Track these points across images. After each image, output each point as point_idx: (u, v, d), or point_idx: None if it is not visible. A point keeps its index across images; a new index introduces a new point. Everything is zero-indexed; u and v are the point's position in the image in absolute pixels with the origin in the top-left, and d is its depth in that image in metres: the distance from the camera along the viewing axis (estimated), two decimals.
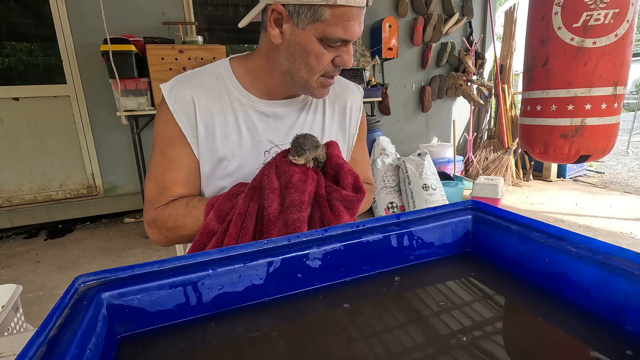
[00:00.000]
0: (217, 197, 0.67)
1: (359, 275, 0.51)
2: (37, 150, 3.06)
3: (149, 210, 0.72)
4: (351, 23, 0.62)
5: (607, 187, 3.75)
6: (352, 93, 0.86)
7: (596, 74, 1.64)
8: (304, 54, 0.65)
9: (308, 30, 0.63)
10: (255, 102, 0.74)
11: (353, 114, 0.85)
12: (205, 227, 0.64)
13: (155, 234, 0.72)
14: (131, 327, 0.41)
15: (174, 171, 0.72)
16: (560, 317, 0.40)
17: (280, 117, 0.76)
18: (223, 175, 0.73)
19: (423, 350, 0.37)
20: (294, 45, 0.65)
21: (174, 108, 0.70)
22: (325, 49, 0.65)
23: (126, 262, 2.41)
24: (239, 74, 0.75)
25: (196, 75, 0.74)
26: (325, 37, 0.63)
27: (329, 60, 0.66)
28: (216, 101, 0.72)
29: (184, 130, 0.71)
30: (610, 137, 1.76)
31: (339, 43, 0.64)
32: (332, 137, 0.82)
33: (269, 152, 0.75)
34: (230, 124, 0.73)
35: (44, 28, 2.95)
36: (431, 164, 2.88)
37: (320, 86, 0.70)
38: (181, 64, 2.63)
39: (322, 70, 0.67)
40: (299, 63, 0.67)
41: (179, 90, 0.71)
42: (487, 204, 0.56)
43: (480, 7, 4.44)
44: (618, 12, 1.56)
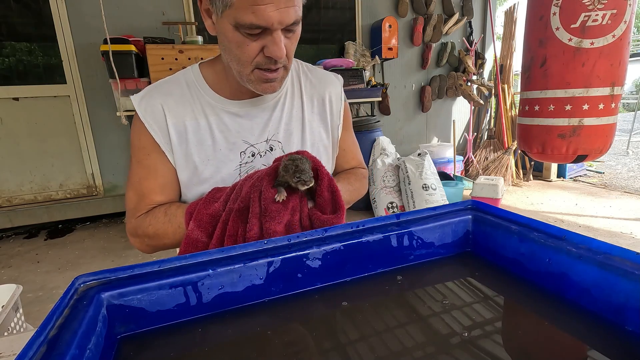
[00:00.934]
0: (194, 204, 0.67)
1: (359, 275, 0.51)
2: (37, 150, 3.06)
3: (130, 219, 0.73)
4: (262, 7, 0.55)
5: (607, 187, 3.75)
6: (330, 83, 0.83)
7: (594, 75, 1.65)
8: (228, 44, 0.62)
9: (224, 18, 0.59)
10: (226, 103, 0.74)
11: (334, 105, 0.82)
12: (189, 237, 0.64)
13: (138, 242, 0.73)
14: (131, 327, 0.41)
15: (151, 179, 0.72)
16: (560, 317, 0.40)
17: (253, 116, 0.75)
18: (201, 181, 0.73)
19: (423, 349, 0.37)
20: (222, 37, 0.63)
21: (145, 118, 0.70)
22: (246, 38, 0.60)
23: (126, 262, 2.40)
24: (208, 77, 0.74)
25: (165, 83, 0.74)
26: (238, 23, 0.58)
27: (255, 51, 0.61)
28: (187, 107, 0.72)
29: (157, 139, 0.71)
30: (607, 137, 1.77)
31: (258, 30, 0.58)
32: (314, 130, 0.80)
33: (245, 153, 0.75)
34: (202, 128, 0.72)
35: (44, 28, 2.95)
36: (431, 164, 2.88)
37: (258, 80, 0.65)
38: (181, 64, 2.63)
39: (252, 62, 0.63)
40: (229, 54, 0.65)
41: (149, 100, 0.71)
42: (487, 204, 0.56)
43: (480, 7, 4.44)
44: (616, 13, 1.57)
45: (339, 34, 3.94)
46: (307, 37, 3.91)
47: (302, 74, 0.82)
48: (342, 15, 3.88)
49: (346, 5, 3.84)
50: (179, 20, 3.17)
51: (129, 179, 0.74)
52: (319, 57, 3.77)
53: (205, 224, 0.64)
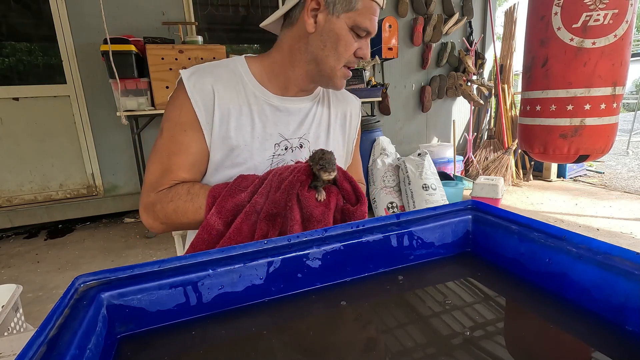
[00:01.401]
0: (218, 189, 0.67)
1: (359, 275, 0.51)
2: (37, 151, 3.06)
3: (149, 193, 0.72)
4: (374, 17, 0.71)
5: (607, 187, 3.75)
6: (351, 102, 0.93)
7: (595, 74, 1.65)
8: (335, 41, 0.71)
9: (342, 19, 0.70)
10: (269, 96, 0.78)
11: (353, 121, 0.92)
12: (207, 223, 0.65)
13: (152, 219, 0.72)
14: (131, 327, 0.41)
15: (182, 156, 0.72)
16: (560, 317, 0.40)
17: (291, 112, 0.80)
18: (233, 164, 0.75)
19: (423, 350, 0.37)
20: (327, 33, 0.71)
21: (192, 94, 0.71)
22: (354, 38, 0.72)
23: (126, 262, 2.41)
24: (254, 70, 0.78)
25: (215, 66, 0.77)
26: (356, 25, 0.70)
27: (353, 50, 0.73)
28: (233, 93, 0.75)
29: (200, 117, 0.72)
30: (609, 137, 1.77)
31: (364, 34, 0.72)
32: (335, 139, 0.87)
33: (279, 145, 0.78)
34: (244, 114, 0.75)
35: (44, 28, 2.95)
36: (431, 164, 2.88)
37: (342, 76, 0.76)
38: (181, 64, 2.63)
39: (347, 59, 0.73)
40: (329, 50, 0.72)
41: (199, 78, 0.73)
42: (487, 204, 0.56)
43: (480, 7, 4.44)
44: (617, 13, 1.56)
45: None
46: None
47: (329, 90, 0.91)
48: None
49: None
50: (179, 20, 3.17)
51: (155, 152, 0.73)
52: None
53: (227, 213, 0.65)
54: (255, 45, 3.94)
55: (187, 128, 0.72)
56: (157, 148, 0.73)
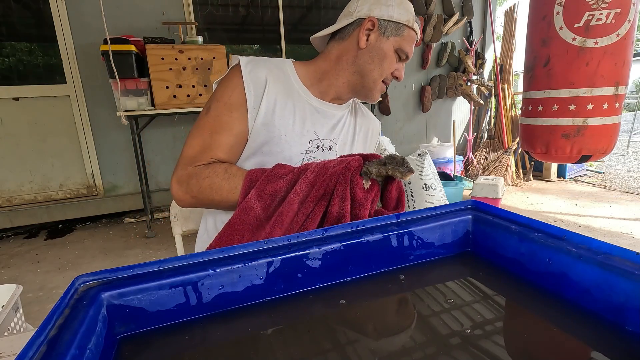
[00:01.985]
0: (256, 173, 0.70)
1: (359, 275, 0.51)
2: (37, 150, 3.06)
3: (186, 166, 0.74)
4: (412, 45, 0.84)
5: (607, 187, 3.75)
6: (373, 121, 1.03)
7: (598, 74, 1.64)
8: (382, 58, 0.82)
9: (391, 41, 0.81)
10: (310, 97, 0.86)
11: (373, 138, 1.03)
12: (247, 204, 0.67)
13: (183, 191, 0.74)
14: (131, 327, 0.41)
15: (224, 135, 0.76)
16: (560, 317, 0.40)
17: (327, 115, 0.88)
18: (269, 152, 0.79)
19: (423, 349, 0.37)
20: (377, 50, 0.82)
21: (247, 79, 0.77)
22: (395, 59, 0.84)
23: (126, 262, 2.41)
24: (300, 73, 0.87)
25: (268, 61, 0.83)
26: (400, 48, 0.82)
27: (392, 69, 0.84)
28: (281, 86, 0.81)
29: (249, 101, 0.77)
30: (611, 137, 1.76)
31: (404, 57, 0.84)
32: (358, 146, 0.95)
33: (312, 142, 0.85)
34: (288, 108, 0.81)
35: (44, 28, 2.95)
36: (431, 164, 2.88)
37: (380, 90, 0.87)
38: (181, 64, 2.63)
39: (387, 75, 0.84)
40: (376, 64, 0.83)
41: (255, 66, 0.79)
42: (487, 204, 0.56)
43: (480, 7, 4.44)
44: (620, 12, 1.56)
45: None
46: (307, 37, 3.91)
47: (357, 103, 1.00)
48: None
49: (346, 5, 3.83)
50: (179, 20, 3.17)
51: (197, 128, 0.77)
52: None
53: (265, 197, 0.67)
54: (255, 46, 3.94)
55: (234, 110, 0.77)
56: (200, 125, 0.77)
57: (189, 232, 1.00)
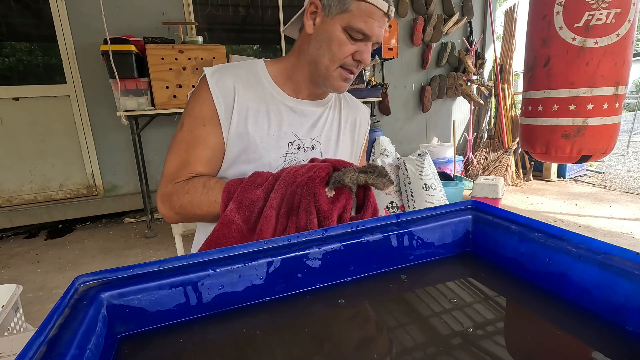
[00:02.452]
0: (234, 184, 0.69)
1: (359, 275, 0.50)
2: (37, 150, 3.06)
3: (167, 184, 0.75)
4: (372, 20, 0.71)
5: (607, 187, 3.75)
6: (360, 111, 0.97)
7: (598, 74, 1.64)
8: (329, 41, 0.74)
9: (336, 20, 0.72)
10: (285, 98, 0.82)
11: (362, 128, 0.97)
12: (227, 218, 0.66)
13: (167, 209, 0.74)
14: (131, 327, 0.41)
15: (199, 149, 0.75)
16: (560, 317, 0.40)
17: (305, 114, 0.84)
18: (248, 160, 0.78)
19: (423, 349, 0.37)
20: (322, 33, 0.74)
21: (214, 90, 0.75)
22: (348, 40, 0.73)
23: (126, 262, 2.41)
24: (272, 72, 0.83)
25: (236, 67, 0.81)
26: (349, 26, 0.71)
27: (349, 52, 0.74)
28: (252, 92, 0.79)
29: (219, 112, 0.75)
30: (611, 137, 1.76)
31: (360, 36, 0.72)
32: (344, 144, 0.91)
33: (292, 144, 0.82)
34: (261, 112, 0.79)
35: (44, 28, 2.95)
36: (431, 164, 2.88)
37: (339, 77, 0.77)
38: (181, 64, 2.63)
39: (342, 60, 0.75)
40: (324, 49, 0.75)
41: (222, 75, 0.77)
42: (487, 204, 0.56)
43: (480, 7, 4.44)
44: (620, 12, 1.56)
45: None
46: None
47: (341, 96, 0.95)
48: None
49: None
50: (179, 20, 3.17)
51: (174, 145, 0.77)
52: None
53: (244, 208, 0.66)
54: (255, 46, 3.94)
55: (206, 122, 0.76)
56: (176, 141, 0.77)
57: (189, 232, 1.00)
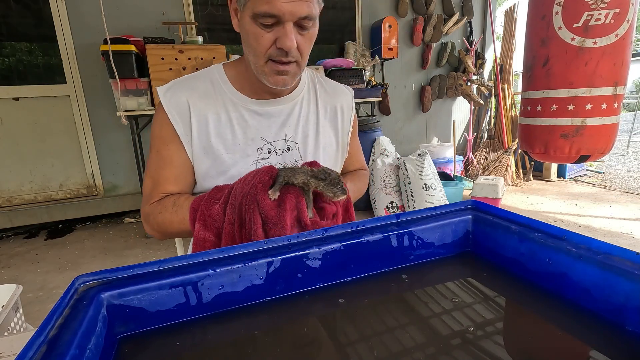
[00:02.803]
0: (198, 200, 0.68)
1: (359, 275, 0.51)
2: (37, 151, 3.06)
3: (144, 205, 0.76)
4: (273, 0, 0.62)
5: (607, 187, 3.75)
6: (341, 95, 0.90)
7: (597, 74, 1.64)
8: (247, 36, 0.68)
9: (245, 11, 0.65)
10: (246, 101, 0.77)
11: (345, 114, 0.89)
12: (198, 237, 0.66)
13: (149, 228, 0.76)
14: (131, 327, 0.41)
15: (167, 169, 0.75)
16: (560, 317, 0.40)
17: (271, 115, 0.79)
18: (218, 173, 0.76)
19: (423, 350, 0.37)
20: (242, 30, 0.69)
21: (169, 109, 0.74)
22: (262, 29, 0.65)
23: (126, 262, 2.41)
24: (231, 77, 0.78)
25: (191, 78, 0.78)
26: (254, 14, 0.63)
27: (268, 42, 0.66)
28: (209, 102, 0.76)
29: (178, 131, 0.74)
30: (610, 137, 1.76)
31: (270, 20, 0.63)
32: (326, 135, 0.85)
33: (262, 149, 0.78)
34: (223, 122, 0.76)
35: (44, 28, 2.95)
36: (431, 164, 2.88)
37: (272, 72, 0.70)
38: (181, 64, 2.63)
39: (265, 53, 0.67)
40: (247, 47, 0.70)
41: (174, 93, 0.75)
42: (487, 204, 0.56)
43: (480, 7, 4.44)
44: (618, 12, 1.56)
45: (339, 34, 3.94)
46: None
47: (317, 82, 0.88)
48: (342, 15, 3.88)
49: (346, 5, 3.83)
50: (179, 20, 3.17)
51: (147, 167, 0.78)
52: (319, 57, 3.76)
53: (211, 224, 0.66)
54: None
55: (168, 142, 0.75)
56: (148, 163, 0.78)
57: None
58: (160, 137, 0.75)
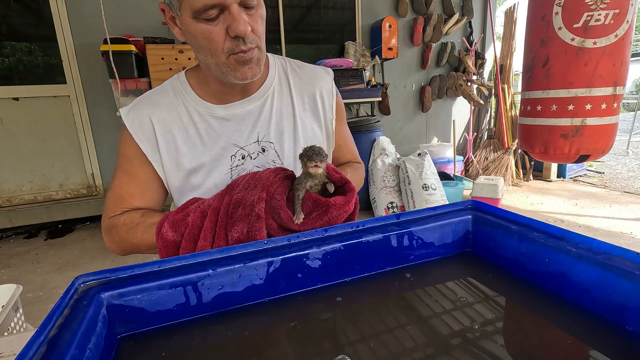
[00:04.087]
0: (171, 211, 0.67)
1: (359, 275, 0.51)
2: (37, 151, 3.06)
3: (104, 219, 0.74)
4: None
5: (607, 187, 3.75)
6: (320, 78, 0.82)
7: (596, 74, 1.64)
8: (195, 39, 0.62)
9: (183, 14, 0.60)
10: (212, 109, 0.73)
11: (325, 100, 0.81)
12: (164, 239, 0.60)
13: (109, 241, 0.73)
14: (131, 327, 0.41)
15: (132, 185, 0.74)
16: (560, 317, 0.40)
17: (240, 118, 0.74)
18: (194, 187, 0.74)
19: (423, 350, 0.37)
20: (187, 35, 0.63)
21: (132, 129, 0.72)
22: (208, 25, 0.59)
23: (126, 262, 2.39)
24: (193, 84, 0.75)
25: (153, 93, 0.76)
26: (194, 11, 0.58)
27: (221, 36, 0.60)
28: (174, 116, 0.73)
29: (144, 150, 0.72)
30: (609, 136, 1.77)
31: (214, 12, 0.58)
32: (307, 127, 0.79)
33: (235, 156, 0.74)
34: (192, 135, 0.73)
35: (44, 28, 2.95)
36: (431, 164, 2.88)
37: (236, 65, 0.64)
38: (181, 64, 2.63)
39: (222, 48, 0.61)
40: (199, 51, 0.64)
41: (136, 112, 0.73)
42: (487, 204, 0.56)
43: (480, 7, 4.44)
44: (618, 13, 1.56)
45: (339, 34, 3.94)
46: (307, 37, 3.91)
47: (290, 71, 0.81)
48: (342, 15, 3.88)
49: (346, 5, 3.84)
50: None
51: (111, 183, 0.76)
52: (319, 57, 3.77)
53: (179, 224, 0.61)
54: None
55: (132, 159, 0.73)
56: (112, 180, 0.76)
57: None
58: (125, 154, 0.74)
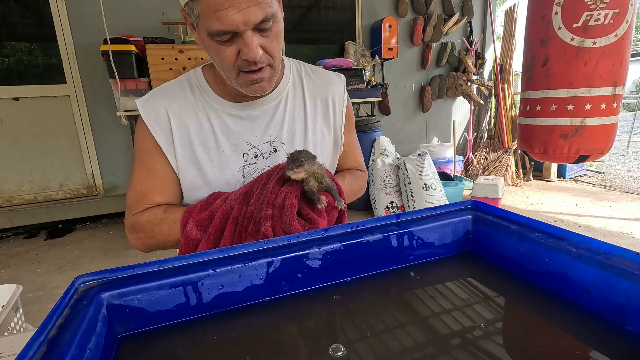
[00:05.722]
0: (194, 205, 0.68)
1: (359, 275, 0.51)
2: (37, 150, 3.06)
3: (128, 216, 0.74)
4: (223, 12, 0.56)
5: (607, 187, 3.75)
6: (332, 84, 0.83)
7: (596, 74, 1.65)
8: (209, 52, 0.65)
9: (200, 29, 0.61)
10: (227, 106, 0.75)
11: (336, 105, 0.83)
12: (187, 237, 0.63)
13: (134, 239, 0.74)
14: (131, 327, 0.41)
15: (151, 180, 0.74)
16: (560, 317, 0.40)
17: (254, 117, 0.76)
18: (205, 182, 0.74)
19: (423, 350, 0.37)
20: (204, 45, 0.65)
21: (149, 121, 0.72)
22: (221, 45, 0.61)
23: (126, 262, 2.40)
24: (210, 80, 0.76)
25: (169, 87, 0.76)
26: (209, 32, 0.59)
27: (232, 56, 0.62)
28: (190, 110, 0.73)
29: (159, 142, 0.72)
30: (609, 136, 1.77)
31: (227, 36, 0.59)
32: (317, 131, 0.81)
33: (247, 154, 0.75)
34: (205, 130, 0.74)
35: (44, 28, 2.95)
36: (431, 164, 2.88)
37: (245, 83, 0.66)
38: (181, 64, 2.63)
39: (233, 66, 0.63)
40: (214, 61, 0.67)
41: (153, 103, 0.73)
42: (487, 204, 0.56)
43: (480, 7, 4.44)
44: (618, 13, 1.57)
45: (339, 34, 3.94)
46: (307, 37, 3.91)
47: (304, 75, 0.82)
48: (342, 15, 3.88)
49: (346, 5, 3.84)
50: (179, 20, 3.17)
51: (130, 179, 0.76)
52: (319, 57, 3.77)
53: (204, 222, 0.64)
54: None
55: (151, 153, 0.73)
56: (132, 174, 0.76)
57: None
58: (143, 148, 0.73)
